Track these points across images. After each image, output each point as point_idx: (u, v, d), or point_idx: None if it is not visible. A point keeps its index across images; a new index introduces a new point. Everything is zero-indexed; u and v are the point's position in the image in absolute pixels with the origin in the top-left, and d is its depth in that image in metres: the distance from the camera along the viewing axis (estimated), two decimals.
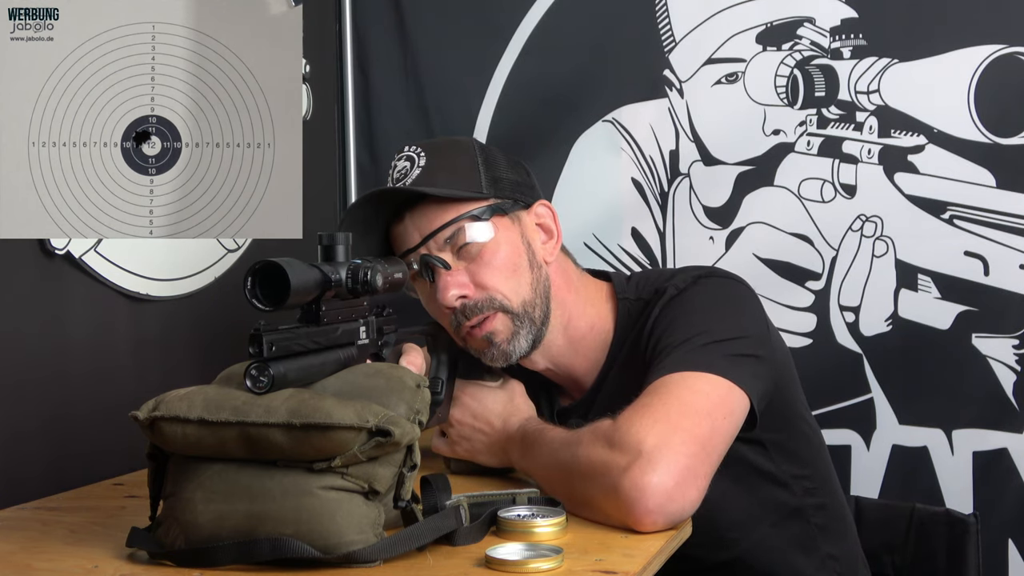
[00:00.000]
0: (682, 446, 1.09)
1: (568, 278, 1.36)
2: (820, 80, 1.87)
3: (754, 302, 1.33)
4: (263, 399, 1.02)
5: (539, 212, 1.35)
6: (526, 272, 1.30)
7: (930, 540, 1.49)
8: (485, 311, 1.28)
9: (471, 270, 1.28)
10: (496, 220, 1.29)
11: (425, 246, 1.28)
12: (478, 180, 1.30)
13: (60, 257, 1.57)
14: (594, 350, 1.36)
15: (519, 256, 1.30)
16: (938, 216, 1.80)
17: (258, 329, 0.99)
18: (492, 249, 1.28)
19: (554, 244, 1.35)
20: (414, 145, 1.32)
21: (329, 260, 1.11)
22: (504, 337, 1.30)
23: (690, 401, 1.14)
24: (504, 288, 1.28)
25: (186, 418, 1.04)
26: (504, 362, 1.32)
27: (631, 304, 1.35)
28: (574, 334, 1.35)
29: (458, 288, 1.27)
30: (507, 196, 1.31)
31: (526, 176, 1.37)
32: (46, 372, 1.55)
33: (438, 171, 1.29)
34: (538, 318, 1.31)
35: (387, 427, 1.00)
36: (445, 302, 1.27)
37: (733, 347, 1.22)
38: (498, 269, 1.28)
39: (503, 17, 2.09)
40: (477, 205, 1.28)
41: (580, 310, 1.35)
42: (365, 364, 1.16)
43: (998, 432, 1.77)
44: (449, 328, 1.32)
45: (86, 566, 1.07)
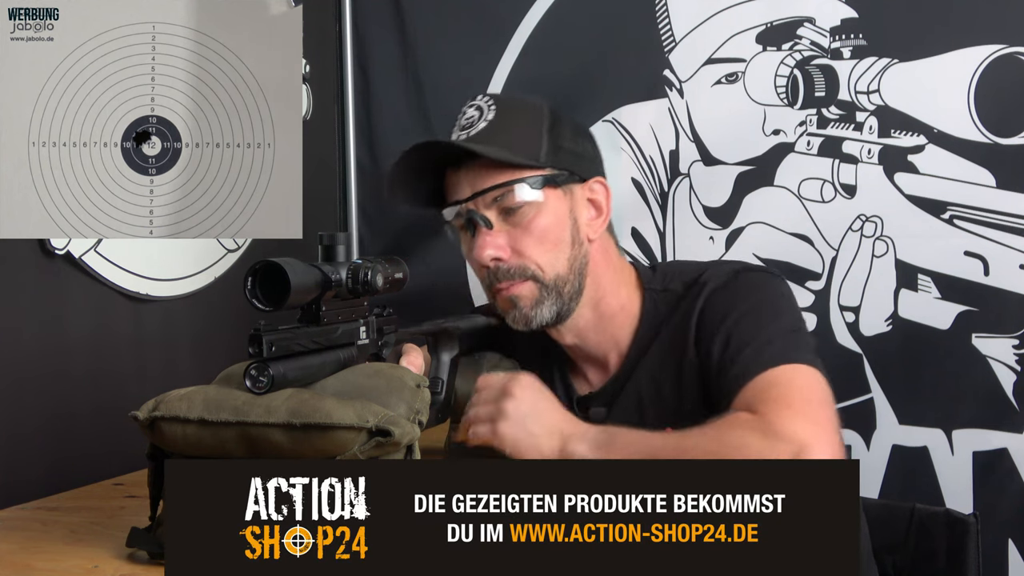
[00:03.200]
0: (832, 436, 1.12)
1: (608, 258, 1.36)
2: (820, 80, 1.87)
3: (793, 295, 1.35)
4: (263, 399, 1.02)
5: (593, 188, 1.35)
6: (566, 247, 1.30)
7: (930, 540, 1.49)
8: (516, 278, 1.29)
9: (512, 235, 1.28)
10: (547, 191, 1.29)
11: (473, 201, 1.28)
12: (539, 147, 1.29)
13: (60, 257, 1.57)
14: (621, 331, 1.36)
15: (562, 230, 1.30)
16: (938, 216, 1.80)
17: (258, 329, 0.99)
18: (537, 219, 1.28)
19: (601, 222, 1.35)
20: (487, 96, 1.31)
21: (329, 260, 1.11)
22: (529, 303, 1.30)
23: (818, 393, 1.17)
24: (540, 259, 1.29)
25: (186, 418, 1.04)
26: (524, 326, 1.31)
27: (657, 295, 1.35)
28: (605, 311, 1.35)
29: (495, 250, 1.28)
30: (564, 167, 1.31)
31: (590, 149, 1.37)
32: (46, 372, 1.55)
33: (502, 129, 1.27)
34: (567, 293, 1.31)
35: (387, 427, 1.00)
36: (480, 260, 1.28)
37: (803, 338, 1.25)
38: (538, 239, 1.28)
39: (503, 17, 2.09)
40: (531, 173, 1.28)
41: (614, 289, 1.35)
42: (365, 364, 1.16)
43: (998, 432, 1.77)
44: (483, 282, 1.33)
45: (86, 566, 1.07)
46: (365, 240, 2.22)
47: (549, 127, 1.31)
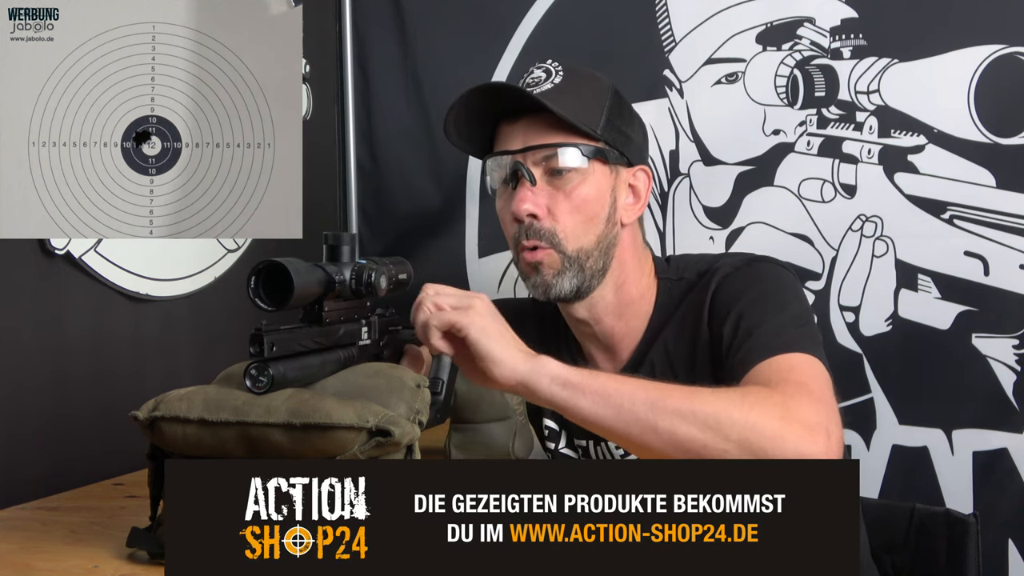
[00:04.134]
0: (837, 423, 1.12)
1: (636, 244, 1.38)
2: (820, 80, 1.87)
3: (800, 285, 1.36)
4: (263, 399, 1.02)
5: (637, 175, 1.36)
6: (600, 223, 1.31)
7: (930, 540, 1.49)
8: (543, 240, 1.29)
9: (553, 196, 1.29)
10: (596, 163, 1.30)
11: (523, 155, 1.29)
12: (598, 119, 1.30)
13: (60, 257, 1.57)
14: (636, 318, 1.36)
15: (600, 206, 1.31)
16: (938, 216, 1.80)
17: (259, 328, 0.99)
18: (580, 187, 1.29)
19: (637, 209, 1.36)
20: (556, 61, 1.32)
21: (334, 260, 1.11)
22: (551, 272, 1.30)
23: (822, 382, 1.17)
24: (570, 228, 1.29)
25: (186, 418, 1.04)
26: (544, 293, 1.32)
27: (672, 284, 1.36)
28: (624, 297, 1.36)
29: (532, 205, 1.28)
30: (616, 146, 1.32)
31: (641, 137, 1.38)
32: (46, 372, 1.55)
33: (568, 93, 1.28)
34: (589, 268, 1.31)
35: (387, 427, 1.00)
36: (516, 211, 1.28)
37: (811, 329, 1.26)
38: (575, 208, 1.29)
39: (503, 17, 2.09)
40: (585, 141, 1.29)
41: (636, 277, 1.36)
42: (365, 364, 1.16)
43: (998, 432, 1.77)
44: (509, 240, 1.34)
45: (86, 566, 1.07)
46: (365, 240, 2.23)
47: (611, 105, 1.32)
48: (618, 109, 1.33)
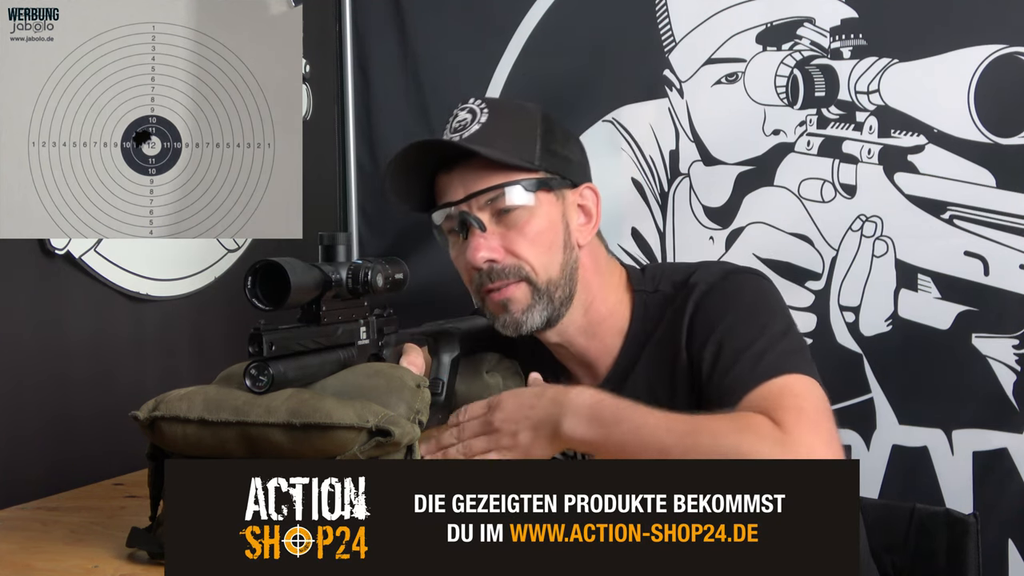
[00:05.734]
0: (838, 451, 1.14)
1: (597, 263, 1.36)
2: (820, 80, 1.87)
3: (780, 294, 1.35)
4: (263, 399, 1.02)
5: (584, 194, 1.35)
6: (559, 251, 1.30)
7: (930, 540, 1.49)
8: (510, 278, 1.28)
9: (506, 236, 1.28)
10: (541, 194, 1.29)
11: (467, 203, 1.27)
12: (533, 150, 1.29)
13: (60, 257, 1.57)
14: (610, 335, 1.35)
15: (555, 234, 1.30)
16: (938, 216, 1.80)
17: (258, 328, 0.99)
18: (531, 221, 1.28)
19: (591, 228, 1.35)
20: (479, 100, 1.31)
21: (330, 260, 1.11)
22: (520, 307, 1.29)
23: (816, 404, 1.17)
24: (534, 261, 1.28)
25: (186, 418, 1.04)
26: (515, 331, 1.31)
27: (648, 296, 1.35)
28: (594, 317, 1.35)
29: (488, 251, 1.27)
30: (557, 172, 1.31)
31: (580, 156, 1.37)
32: (46, 372, 1.55)
33: (496, 132, 1.27)
34: (558, 299, 1.30)
35: (387, 427, 1.00)
36: (474, 262, 1.27)
37: (796, 343, 1.25)
38: (533, 241, 1.28)
39: (503, 17, 2.09)
40: (526, 175, 1.28)
41: (603, 295, 1.35)
42: (365, 364, 1.16)
43: (998, 432, 1.77)
44: (470, 286, 1.33)
45: (86, 566, 1.07)
46: (365, 240, 2.22)
47: (543, 132, 1.30)
48: (551, 135, 1.31)
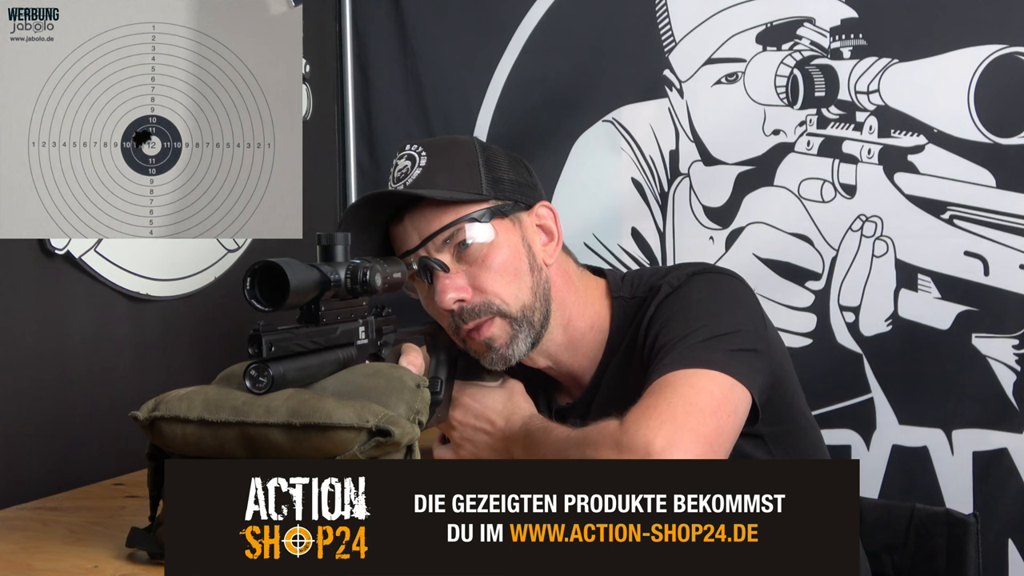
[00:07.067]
0: (690, 446, 1.10)
1: (568, 278, 1.36)
2: (820, 80, 1.87)
3: (749, 296, 1.32)
4: (263, 399, 1.02)
5: (540, 213, 1.34)
6: (526, 275, 1.29)
7: (930, 540, 1.49)
8: (483, 315, 1.27)
9: (470, 273, 1.27)
10: (496, 223, 1.28)
11: (424, 248, 1.27)
12: (478, 181, 1.28)
13: (60, 257, 1.57)
14: (593, 348, 1.35)
15: (519, 259, 1.29)
16: (938, 216, 1.80)
17: (257, 329, 0.99)
18: (492, 252, 1.27)
19: (555, 246, 1.34)
20: (415, 144, 1.31)
21: (328, 260, 1.11)
22: (503, 342, 1.29)
23: (695, 400, 1.14)
24: (503, 293, 1.28)
25: (186, 418, 1.04)
26: (504, 365, 1.31)
27: (626, 302, 1.34)
28: (574, 333, 1.34)
29: (456, 292, 1.26)
30: (508, 197, 1.30)
31: (527, 176, 1.36)
32: (46, 372, 1.55)
33: (438, 171, 1.27)
34: (537, 321, 1.30)
35: (387, 427, 1.00)
36: (443, 305, 1.27)
37: (731, 341, 1.22)
38: (498, 273, 1.27)
39: (503, 17, 2.09)
40: (477, 207, 1.27)
41: (580, 310, 1.35)
42: (365, 364, 1.16)
43: (998, 432, 1.77)
44: (448, 329, 1.32)
45: (86, 566, 1.07)
46: None
47: (485, 161, 1.30)
48: (493, 162, 1.31)
